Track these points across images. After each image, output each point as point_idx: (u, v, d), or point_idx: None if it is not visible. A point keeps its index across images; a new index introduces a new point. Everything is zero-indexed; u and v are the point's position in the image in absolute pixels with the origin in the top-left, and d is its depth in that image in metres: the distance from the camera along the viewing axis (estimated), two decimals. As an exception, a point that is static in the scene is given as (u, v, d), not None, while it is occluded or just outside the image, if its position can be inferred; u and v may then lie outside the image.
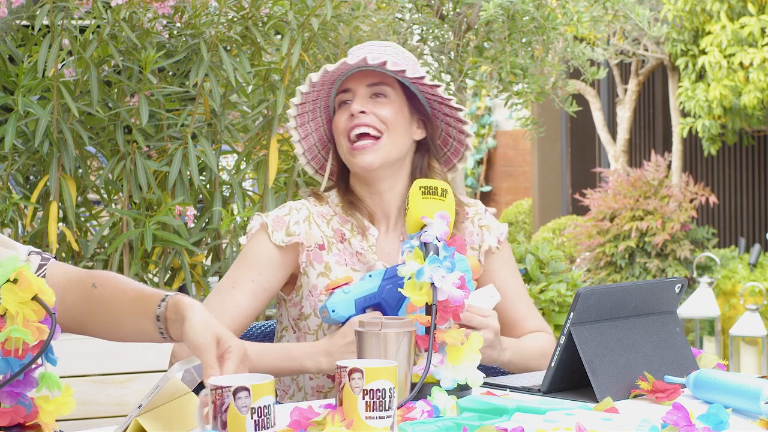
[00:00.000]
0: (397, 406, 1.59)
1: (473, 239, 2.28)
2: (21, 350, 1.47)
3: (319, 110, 2.27)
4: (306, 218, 2.19)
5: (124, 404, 3.24)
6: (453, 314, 1.86)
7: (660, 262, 7.20)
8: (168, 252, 3.54)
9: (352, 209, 2.21)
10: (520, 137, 11.27)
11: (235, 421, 1.46)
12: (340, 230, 2.20)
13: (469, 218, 2.29)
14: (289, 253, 2.18)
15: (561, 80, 4.49)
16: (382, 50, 2.22)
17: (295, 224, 2.17)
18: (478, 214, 2.30)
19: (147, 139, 3.48)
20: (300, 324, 2.21)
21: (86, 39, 3.35)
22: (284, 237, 2.16)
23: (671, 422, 1.62)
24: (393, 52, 2.22)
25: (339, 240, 2.19)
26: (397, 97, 2.20)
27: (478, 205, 2.32)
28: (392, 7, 4.31)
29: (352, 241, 2.19)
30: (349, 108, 2.19)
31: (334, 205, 2.23)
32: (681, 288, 2.08)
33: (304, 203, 2.22)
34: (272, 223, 2.17)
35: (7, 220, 3.40)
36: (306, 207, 2.21)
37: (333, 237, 2.19)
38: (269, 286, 2.17)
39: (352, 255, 2.19)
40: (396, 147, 2.18)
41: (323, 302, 2.03)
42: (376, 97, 2.19)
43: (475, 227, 2.29)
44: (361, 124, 2.16)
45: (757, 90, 6.83)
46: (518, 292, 2.33)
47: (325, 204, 2.23)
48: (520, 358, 2.21)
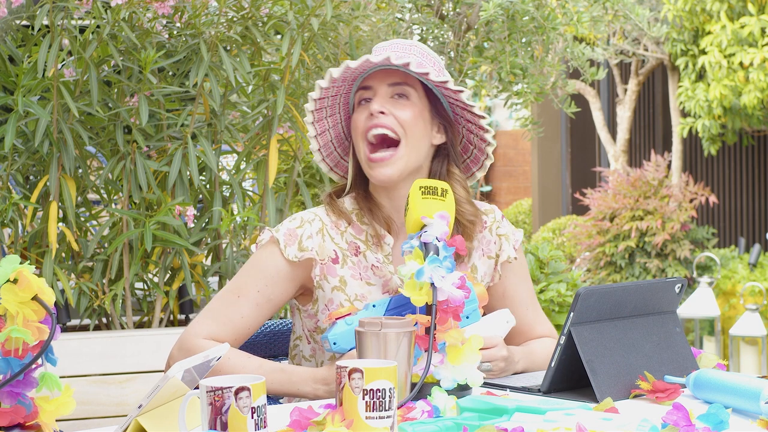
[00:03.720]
0: (397, 406, 1.59)
1: (491, 248, 2.23)
2: (21, 350, 1.47)
3: (338, 106, 2.20)
4: (319, 231, 2.12)
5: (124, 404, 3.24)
6: (453, 314, 1.86)
7: (660, 262, 7.20)
8: (168, 252, 3.54)
9: (368, 216, 2.15)
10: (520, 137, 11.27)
11: (236, 421, 1.46)
12: (354, 243, 2.14)
13: (488, 227, 2.24)
14: (302, 269, 2.12)
15: (561, 80, 4.48)
16: (407, 50, 2.15)
17: (308, 238, 2.11)
18: (496, 221, 2.25)
19: (147, 139, 3.48)
20: (316, 336, 2.17)
21: (86, 39, 3.35)
22: (297, 252, 2.10)
23: (671, 422, 1.62)
24: (419, 53, 2.15)
25: (353, 253, 2.13)
26: (419, 100, 2.13)
27: (495, 212, 2.26)
28: (392, 7, 4.31)
29: (367, 254, 2.13)
30: (368, 107, 2.12)
31: (349, 211, 2.16)
32: (681, 288, 2.08)
33: (317, 213, 2.15)
34: (284, 237, 2.11)
35: (7, 220, 3.40)
36: (319, 218, 2.14)
37: (347, 250, 2.13)
38: (275, 298, 2.12)
39: (367, 268, 2.13)
40: (414, 154, 2.12)
41: (325, 332, 1.98)
42: (397, 98, 2.12)
43: (493, 236, 2.24)
44: (380, 125, 2.10)
45: (757, 90, 6.83)
46: (526, 299, 2.29)
47: (339, 212, 2.16)
48: (532, 365, 2.21)
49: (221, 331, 2.10)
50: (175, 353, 2.11)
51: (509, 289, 2.26)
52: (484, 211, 2.25)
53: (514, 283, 2.27)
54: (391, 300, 2.02)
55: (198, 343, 2.09)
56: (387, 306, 2.03)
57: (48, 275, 3.32)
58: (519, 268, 2.28)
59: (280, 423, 1.62)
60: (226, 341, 2.10)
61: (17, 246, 3.51)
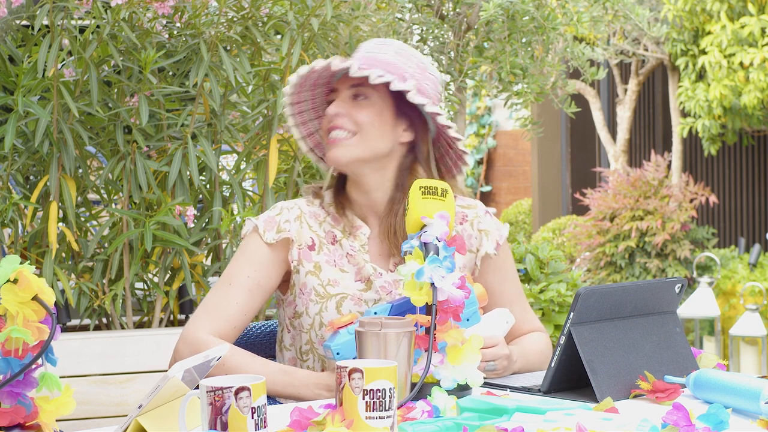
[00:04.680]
0: (397, 406, 1.59)
1: (471, 242, 2.27)
2: (21, 350, 1.47)
3: (321, 108, 2.28)
4: (297, 217, 2.21)
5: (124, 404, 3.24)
6: (453, 314, 1.86)
7: (660, 262, 7.20)
8: (168, 252, 3.54)
9: (343, 209, 2.22)
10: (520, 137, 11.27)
11: (236, 421, 1.46)
12: (332, 232, 2.21)
13: (468, 221, 2.27)
14: (280, 250, 2.19)
15: (561, 80, 4.48)
16: (379, 52, 2.20)
17: (285, 222, 2.20)
18: (477, 216, 2.28)
19: (147, 139, 3.48)
20: (294, 323, 2.22)
21: (86, 39, 3.35)
22: (274, 234, 2.19)
23: (671, 422, 1.62)
24: (392, 53, 2.19)
25: (330, 242, 2.21)
26: (380, 99, 2.18)
27: (478, 207, 2.30)
28: (392, 7, 4.31)
29: (343, 243, 2.20)
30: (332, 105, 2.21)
31: (327, 205, 2.24)
32: (681, 288, 2.08)
33: (297, 203, 2.24)
34: (263, 223, 2.20)
35: (7, 220, 3.40)
36: (298, 206, 2.23)
37: (324, 238, 2.21)
38: (265, 283, 2.18)
39: (342, 256, 2.20)
40: (369, 147, 2.17)
41: (327, 342, 1.99)
42: (356, 98, 2.19)
43: (474, 230, 2.27)
44: (335, 127, 2.18)
45: (757, 90, 6.83)
46: (511, 296, 2.32)
47: (319, 204, 2.24)
48: (528, 364, 2.24)
49: (219, 321, 2.16)
50: (180, 347, 2.15)
51: (494, 286, 2.29)
52: (466, 206, 2.28)
53: (498, 280, 2.30)
54: (392, 306, 2.02)
55: (201, 337, 2.13)
56: (387, 312, 2.02)
57: (48, 275, 3.32)
58: (503, 267, 2.30)
59: (280, 423, 1.63)
60: (225, 332, 2.16)
61: (17, 246, 3.51)
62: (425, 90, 2.19)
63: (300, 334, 2.21)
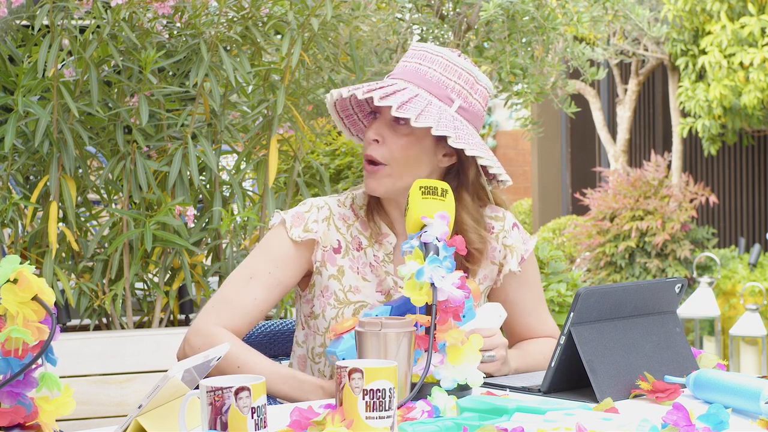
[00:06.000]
0: (397, 406, 1.59)
1: (495, 255, 2.24)
2: (21, 350, 1.47)
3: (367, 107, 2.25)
4: (326, 218, 2.17)
5: (124, 404, 3.24)
6: (453, 314, 1.86)
7: (660, 262, 7.20)
8: (168, 252, 3.54)
9: (373, 214, 2.19)
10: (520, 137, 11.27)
11: (236, 421, 1.46)
12: (358, 238, 2.18)
13: (495, 234, 2.23)
14: (304, 250, 2.16)
15: (561, 80, 4.48)
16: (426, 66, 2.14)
17: (313, 222, 2.16)
18: (504, 230, 2.24)
19: (147, 139, 3.48)
20: (310, 322, 2.20)
21: (86, 39, 3.35)
22: (301, 233, 2.15)
23: (671, 422, 1.62)
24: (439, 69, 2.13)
25: (356, 248, 2.18)
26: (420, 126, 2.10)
27: (506, 219, 2.25)
28: (392, 7, 4.31)
29: (367, 251, 2.17)
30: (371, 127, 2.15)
31: (358, 208, 2.20)
32: (681, 288, 2.08)
33: (327, 202, 2.20)
34: (291, 218, 2.16)
35: (7, 220, 3.40)
36: (328, 206, 2.19)
37: (351, 243, 2.17)
38: (284, 280, 2.15)
39: (366, 265, 2.17)
40: (404, 179, 2.12)
41: (330, 347, 1.97)
42: (397, 122, 2.13)
43: (499, 244, 2.24)
44: (370, 157, 2.13)
45: (757, 90, 6.83)
46: (529, 306, 2.29)
47: (349, 204, 2.20)
48: (525, 365, 2.22)
49: (236, 316, 2.12)
50: (192, 338, 2.12)
51: (512, 296, 2.28)
52: (494, 217, 2.24)
53: (517, 290, 2.28)
54: (391, 309, 2.02)
55: (215, 330, 2.10)
56: (388, 313, 2.02)
57: (48, 275, 3.32)
58: (525, 278, 2.28)
59: (280, 423, 1.63)
60: (240, 327, 2.13)
61: (17, 246, 3.51)
62: (473, 107, 2.13)
63: (314, 335, 2.19)
